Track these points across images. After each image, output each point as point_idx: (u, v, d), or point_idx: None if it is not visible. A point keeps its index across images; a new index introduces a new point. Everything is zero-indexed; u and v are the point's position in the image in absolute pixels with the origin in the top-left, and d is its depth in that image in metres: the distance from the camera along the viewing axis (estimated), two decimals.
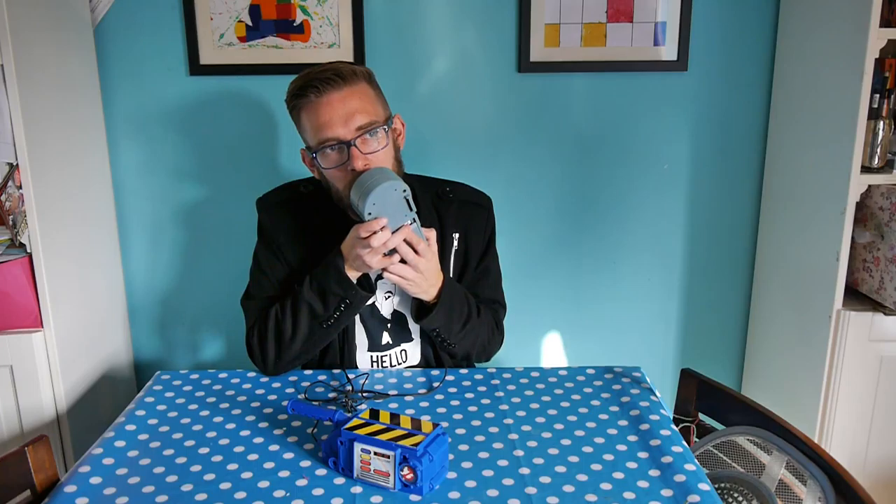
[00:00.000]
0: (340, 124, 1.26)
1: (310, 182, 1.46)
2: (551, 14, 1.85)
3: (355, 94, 1.27)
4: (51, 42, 1.62)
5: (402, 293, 1.42)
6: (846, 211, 1.61)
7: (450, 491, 1.01)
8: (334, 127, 1.26)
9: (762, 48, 1.92)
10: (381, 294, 1.43)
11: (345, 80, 1.27)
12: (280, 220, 1.41)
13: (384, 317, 1.44)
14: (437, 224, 1.41)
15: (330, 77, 1.26)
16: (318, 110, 1.27)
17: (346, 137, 1.26)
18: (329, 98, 1.26)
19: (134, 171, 1.95)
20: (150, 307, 2.04)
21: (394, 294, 1.43)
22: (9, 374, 1.54)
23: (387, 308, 1.44)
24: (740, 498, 1.12)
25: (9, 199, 1.51)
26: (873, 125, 1.60)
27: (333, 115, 1.26)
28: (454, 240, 1.44)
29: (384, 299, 1.43)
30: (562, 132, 1.96)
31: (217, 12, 1.83)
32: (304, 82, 1.28)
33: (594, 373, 1.39)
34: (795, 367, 1.83)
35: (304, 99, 1.28)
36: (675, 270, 2.07)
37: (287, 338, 1.33)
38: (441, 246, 1.41)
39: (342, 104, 1.26)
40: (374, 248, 1.21)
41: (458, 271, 1.45)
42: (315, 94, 1.26)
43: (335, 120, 1.26)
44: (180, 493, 1.01)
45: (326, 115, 1.26)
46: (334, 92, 1.26)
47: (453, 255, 1.44)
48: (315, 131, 1.28)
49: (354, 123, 1.26)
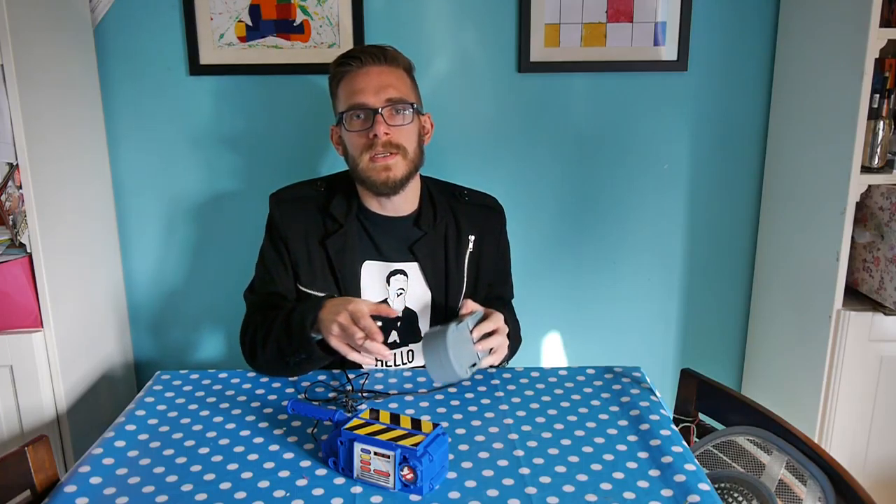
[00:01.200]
0: (372, 93, 1.33)
1: (324, 181, 1.47)
2: (551, 14, 1.85)
3: (393, 73, 1.36)
4: (51, 42, 1.62)
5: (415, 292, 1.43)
6: (846, 211, 1.61)
7: (450, 491, 1.01)
8: (366, 94, 1.33)
9: (762, 48, 1.92)
10: (393, 291, 1.43)
11: (387, 60, 1.36)
12: (291, 216, 1.42)
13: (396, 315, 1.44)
14: (453, 225, 1.45)
15: (375, 52, 1.35)
16: (356, 78, 1.35)
17: (375, 105, 1.33)
18: (368, 70, 1.34)
19: (134, 171, 1.95)
20: (150, 307, 2.04)
21: (405, 292, 1.43)
22: (9, 374, 1.54)
23: (398, 306, 1.44)
24: (740, 498, 1.12)
25: (9, 199, 1.51)
26: (873, 125, 1.60)
27: (368, 84, 1.33)
28: (469, 242, 1.45)
29: (396, 296, 1.44)
30: (562, 132, 1.96)
31: (217, 12, 1.83)
32: (351, 53, 1.37)
33: (594, 373, 1.39)
34: (795, 367, 1.83)
35: (346, 68, 1.36)
36: (675, 270, 2.07)
37: (259, 356, 1.35)
38: (457, 247, 1.44)
39: (378, 77, 1.34)
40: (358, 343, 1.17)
41: (472, 272, 1.47)
42: (357, 63, 1.34)
43: (368, 88, 1.33)
44: (180, 493, 1.01)
45: (362, 83, 1.34)
46: (374, 66, 1.35)
47: (468, 257, 1.45)
48: (347, 97, 1.35)
49: (385, 95, 1.33)
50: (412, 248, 1.41)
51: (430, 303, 1.44)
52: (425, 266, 1.42)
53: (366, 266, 1.42)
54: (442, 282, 1.43)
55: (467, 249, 1.45)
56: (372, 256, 1.42)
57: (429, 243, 1.42)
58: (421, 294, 1.44)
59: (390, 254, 1.42)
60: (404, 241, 1.41)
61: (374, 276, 1.42)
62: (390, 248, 1.42)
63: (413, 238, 1.41)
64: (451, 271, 1.43)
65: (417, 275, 1.43)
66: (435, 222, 1.42)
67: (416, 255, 1.42)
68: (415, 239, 1.41)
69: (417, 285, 1.43)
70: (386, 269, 1.42)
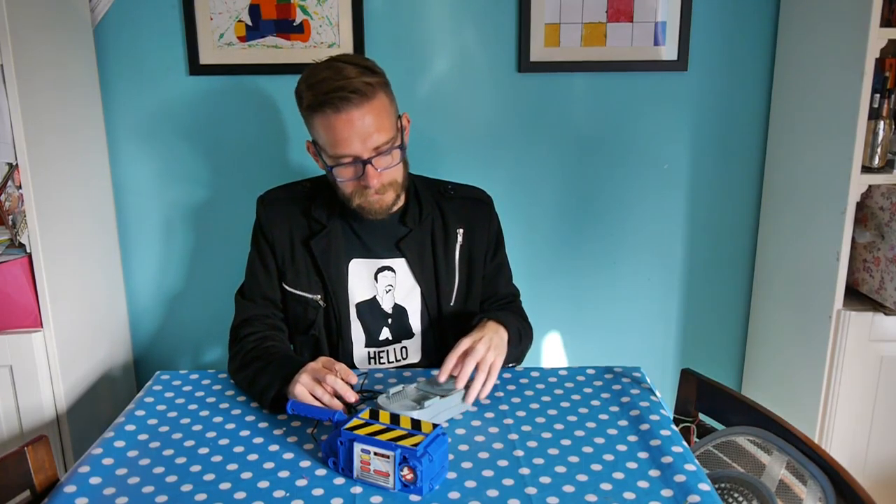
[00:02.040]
0: (358, 143, 1.26)
1: (310, 181, 1.47)
2: (551, 14, 1.85)
3: (373, 110, 1.25)
4: (51, 42, 1.62)
5: (404, 287, 1.43)
6: (846, 211, 1.61)
7: (450, 491, 1.01)
8: (352, 145, 1.26)
9: (762, 48, 1.92)
10: (381, 288, 1.43)
11: (363, 96, 1.24)
12: (276, 217, 1.43)
13: (385, 311, 1.44)
14: (440, 220, 1.44)
15: (348, 96, 1.23)
16: (336, 126, 1.25)
17: (364, 156, 1.27)
18: (348, 115, 1.24)
19: (134, 171, 1.94)
20: (150, 307, 2.04)
21: (394, 288, 1.43)
22: (9, 374, 1.54)
23: (388, 302, 1.44)
24: (740, 498, 1.12)
25: (9, 199, 1.51)
26: (873, 125, 1.60)
27: (352, 132, 1.25)
28: (458, 235, 1.45)
29: (385, 293, 1.44)
30: (562, 132, 1.96)
31: (217, 12, 1.83)
32: (321, 97, 1.24)
33: (594, 373, 1.39)
34: (795, 367, 1.83)
35: (320, 112, 1.25)
36: (675, 270, 2.07)
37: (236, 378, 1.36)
38: (445, 241, 1.44)
39: (361, 122, 1.24)
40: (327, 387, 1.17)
41: (464, 266, 1.46)
42: (333, 110, 1.24)
43: (353, 138, 1.25)
44: (180, 493, 1.01)
45: (345, 132, 1.25)
46: (353, 110, 1.23)
47: (458, 251, 1.45)
48: (332, 146, 1.27)
49: (372, 143, 1.26)
50: (399, 244, 1.41)
51: (420, 298, 1.44)
52: (413, 262, 1.42)
53: (353, 264, 1.42)
54: (431, 277, 1.43)
55: (456, 243, 1.45)
56: (359, 254, 1.42)
57: (416, 239, 1.42)
58: (410, 290, 1.44)
59: (377, 250, 1.42)
60: (391, 238, 1.41)
61: (362, 274, 1.42)
62: (377, 244, 1.42)
63: (399, 235, 1.41)
64: (439, 266, 1.43)
65: (405, 271, 1.43)
66: (421, 218, 1.42)
67: (403, 251, 1.42)
68: (401, 235, 1.41)
69: (406, 281, 1.43)
70: (374, 266, 1.42)
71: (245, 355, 1.34)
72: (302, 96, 1.30)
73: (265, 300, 1.44)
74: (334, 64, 1.27)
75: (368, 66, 1.29)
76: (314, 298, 1.41)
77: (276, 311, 1.44)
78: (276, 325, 1.43)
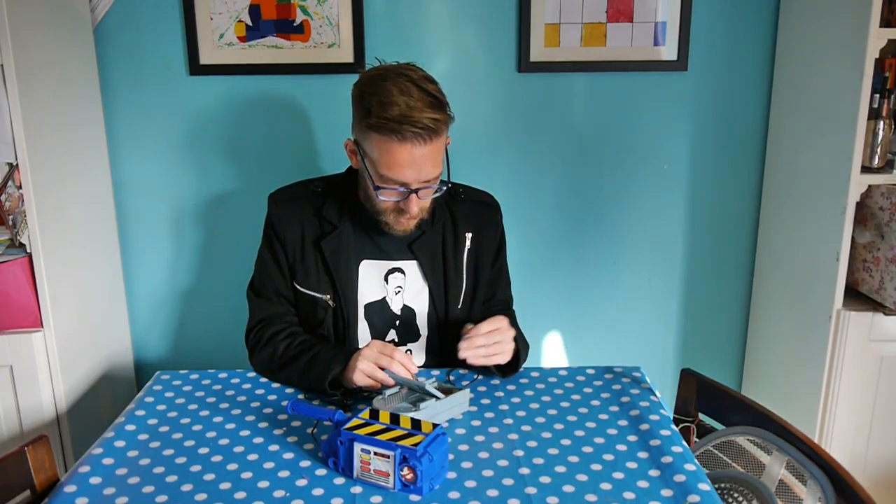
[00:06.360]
0: (412, 173, 1.27)
1: (322, 181, 1.47)
2: (551, 14, 1.85)
3: (434, 148, 1.27)
4: (51, 42, 1.62)
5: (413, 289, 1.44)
6: (846, 211, 1.61)
7: (450, 491, 1.01)
8: (405, 174, 1.27)
9: (762, 48, 1.92)
10: (391, 289, 1.43)
11: (431, 133, 1.24)
12: (288, 217, 1.43)
13: (394, 313, 1.44)
14: (450, 223, 1.45)
15: (418, 132, 1.23)
16: (395, 153, 1.25)
17: (412, 184, 1.28)
18: (412, 148, 1.24)
19: (134, 171, 1.94)
20: (150, 307, 2.04)
21: (403, 289, 1.44)
22: (9, 374, 1.54)
23: (396, 304, 1.44)
24: (740, 498, 1.12)
25: (9, 199, 1.51)
26: (873, 125, 1.60)
27: (410, 164, 1.26)
28: (467, 239, 1.46)
29: (394, 294, 1.44)
30: (562, 132, 1.96)
31: (217, 12, 1.83)
32: (390, 124, 1.22)
33: (594, 373, 1.39)
34: (795, 367, 1.83)
35: (384, 135, 1.24)
36: (676, 270, 2.07)
37: (266, 371, 1.39)
38: (454, 245, 1.45)
39: (421, 156, 1.26)
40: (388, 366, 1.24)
41: (471, 269, 1.47)
42: (398, 139, 1.23)
43: (408, 169, 1.26)
44: (180, 493, 1.01)
45: (402, 162, 1.26)
46: (418, 146, 1.24)
47: (466, 254, 1.46)
48: (385, 167, 1.27)
49: (424, 176, 1.28)
50: (411, 246, 1.42)
51: (428, 301, 1.44)
52: (424, 264, 1.43)
53: (363, 265, 1.43)
54: (441, 279, 1.44)
55: (465, 247, 1.46)
56: (370, 255, 1.42)
57: (427, 242, 1.43)
58: (419, 291, 1.44)
59: (389, 252, 1.43)
60: (403, 240, 1.42)
61: (372, 275, 1.43)
62: (389, 246, 1.42)
63: (412, 237, 1.42)
64: (449, 269, 1.44)
65: (416, 273, 1.43)
66: (433, 221, 1.43)
67: (416, 253, 1.42)
68: (413, 238, 1.42)
69: (415, 283, 1.44)
70: (384, 268, 1.43)
71: (283, 354, 1.36)
72: (367, 109, 1.26)
73: (279, 297, 1.44)
74: (405, 84, 1.25)
75: (438, 97, 1.27)
76: (323, 298, 1.41)
77: (291, 308, 1.45)
78: (295, 322, 1.45)
